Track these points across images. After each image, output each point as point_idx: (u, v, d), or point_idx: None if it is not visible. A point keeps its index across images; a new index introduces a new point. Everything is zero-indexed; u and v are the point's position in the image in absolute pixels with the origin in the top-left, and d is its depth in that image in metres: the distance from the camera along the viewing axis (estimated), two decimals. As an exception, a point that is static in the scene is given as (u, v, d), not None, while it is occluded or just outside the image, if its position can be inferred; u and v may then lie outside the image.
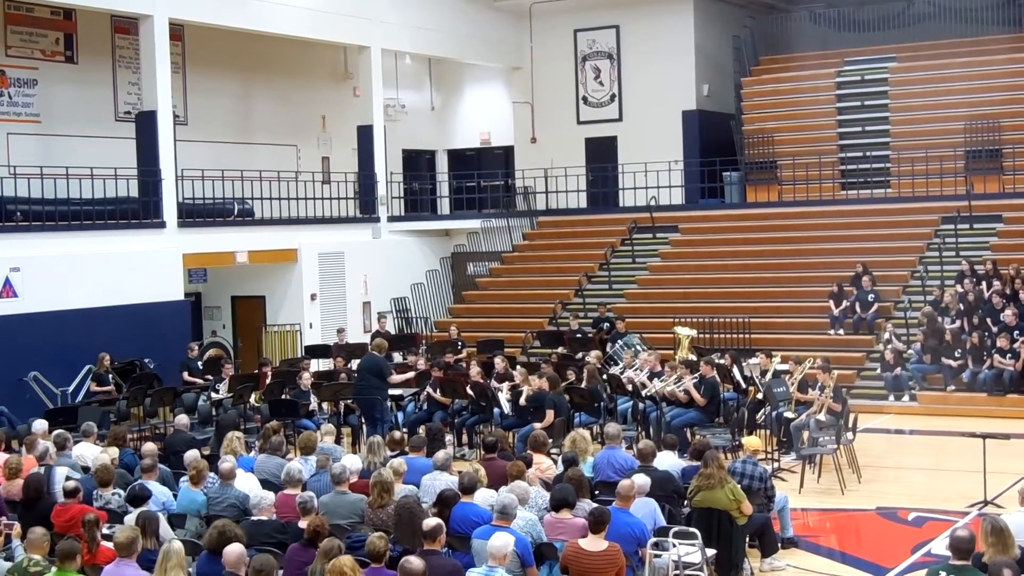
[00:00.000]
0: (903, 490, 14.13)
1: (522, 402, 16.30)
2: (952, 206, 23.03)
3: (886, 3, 27.65)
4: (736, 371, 16.57)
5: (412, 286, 25.52)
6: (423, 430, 13.27)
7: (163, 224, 20.72)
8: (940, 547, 11.04)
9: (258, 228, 23.07)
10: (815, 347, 19.80)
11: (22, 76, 21.18)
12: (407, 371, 18.02)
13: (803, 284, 22.80)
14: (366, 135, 25.57)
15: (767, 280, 23.32)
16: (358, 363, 17.47)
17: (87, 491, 10.75)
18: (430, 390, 17.25)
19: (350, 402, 17.27)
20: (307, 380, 17.60)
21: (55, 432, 13.11)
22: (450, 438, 15.92)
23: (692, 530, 9.69)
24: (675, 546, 9.47)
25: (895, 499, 13.65)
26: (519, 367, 17.82)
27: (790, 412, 15.63)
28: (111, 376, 18.24)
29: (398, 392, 17.30)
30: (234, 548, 8.30)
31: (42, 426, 13.91)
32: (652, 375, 16.87)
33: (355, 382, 16.93)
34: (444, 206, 30.06)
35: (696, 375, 16.02)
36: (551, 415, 15.57)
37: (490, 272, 26.73)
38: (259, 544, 9.13)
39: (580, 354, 19.60)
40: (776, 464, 14.85)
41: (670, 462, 11.60)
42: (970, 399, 18.76)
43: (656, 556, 9.49)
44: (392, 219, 26.26)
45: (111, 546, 8.77)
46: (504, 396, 16.60)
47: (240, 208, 22.85)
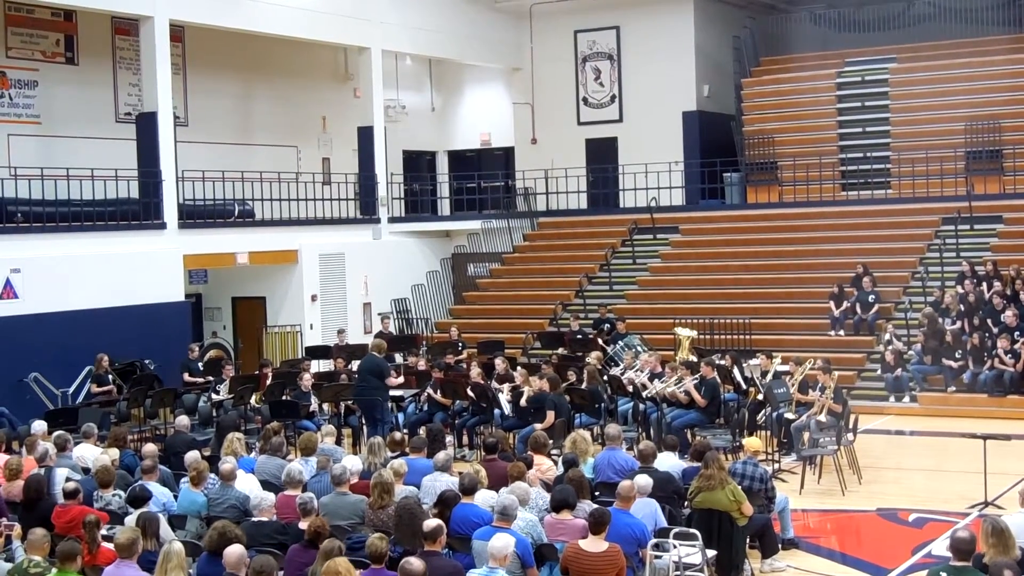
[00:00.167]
0: (903, 491, 14.13)
1: (523, 403, 16.30)
2: (952, 207, 23.02)
3: (886, 4, 27.64)
4: (736, 372, 16.57)
5: (412, 287, 25.52)
6: (424, 431, 13.28)
7: (164, 225, 20.73)
8: (941, 548, 11.03)
9: (258, 229, 23.07)
10: (815, 348, 19.83)
11: (23, 77, 21.18)
12: (402, 375, 18.07)
13: (803, 285, 22.80)
14: (366, 136, 25.57)
15: (767, 281, 23.32)
16: (358, 364, 17.48)
17: (87, 492, 10.74)
18: (431, 391, 17.25)
19: (351, 403, 17.28)
20: (308, 381, 17.59)
21: (55, 433, 13.10)
22: (450, 439, 15.93)
23: (692, 531, 9.69)
24: (675, 547, 9.47)
25: (895, 500, 13.64)
26: (520, 368, 17.83)
27: (790, 413, 15.62)
28: (111, 376, 18.24)
29: (399, 393, 17.31)
30: (234, 549, 8.30)
31: (41, 427, 13.92)
32: (652, 376, 16.85)
33: (355, 383, 16.94)
34: (444, 207, 30.06)
35: (696, 376, 16.02)
36: (551, 416, 15.56)
37: (490, 273, 26.72)
38: (259, 545, 9.13)
39: (580, 355, 19.59)
40: (776, 465, 14.85)
41: (670, 463, 11.59)
42: (970, 400, 18.75)
43: (656, 557, 9.49)
44: (392, 220, 26.26)
45: (111, 547, 8.77)
46: (505, 397, 16.60)
47: (240, 209, 22.85)
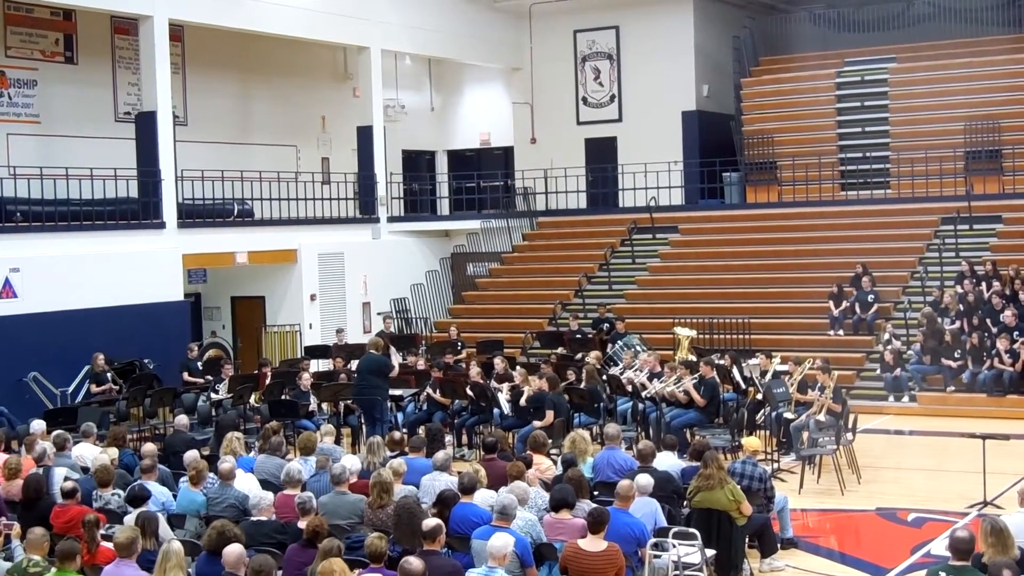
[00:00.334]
0: (903, 491, 14.13)
1: (522, 403, 16.31)
2: (952, 207, 23.03)
3: (886, 4, 27.64)
4: (736, 372, 16.57)
5: (412, 287, 25.51)
6: (423, 430, 13.28)
7: (163, 225, 20.72)
8: (940, 548, 11.04)
9: (258, 229, 23.06)
10: (815, 348, 19.80)
11: (22, 77, 21.17)
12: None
13: (803, 285, 22.80)
14: (366, 136, 25.56)
15: (767, 281, 23.31)
16: (357, 363, 17.47)
17: (86, 491, 10.73)
18: (430, 390, 17.25)
19: (350, 402, 17.27)
20: (307, 380, 17.60)
21: (54, 433, 13.10)
22: (450, 439, 15.92)
23: (692, 531, 9.68)
24: (675, 546, 9.47)
25: (895, 500, 13.65)
26: (519, 368, 17.85)
27: (790, 413, 15.61)
28: (109, 375, 18.23)
29: (398, 392, 17.30)
30: (233, 548, 8.30)
31: (40, 427, 13.92)
32: (652, 376, 16.86)
33: (355, 382, 16.94)
34: (444, 207, 30.05)
35: (696, 376, 16.02)
36: (551, 415, 15.56)
37: (490, 273, 26.72)
38: (258, 544, 9.13)
39: (580, 354, 19.60)
40: (776, 465, 14.84)
41: (670, 463, 11.59)
42: (970, 400, 18.75)
43: (656, 556, 9.49)
44: (392, 220, 26.25)
45: (111, 546, 8.77)
46: (504, 397, 16.61)
47: (240, 209, 22.84)
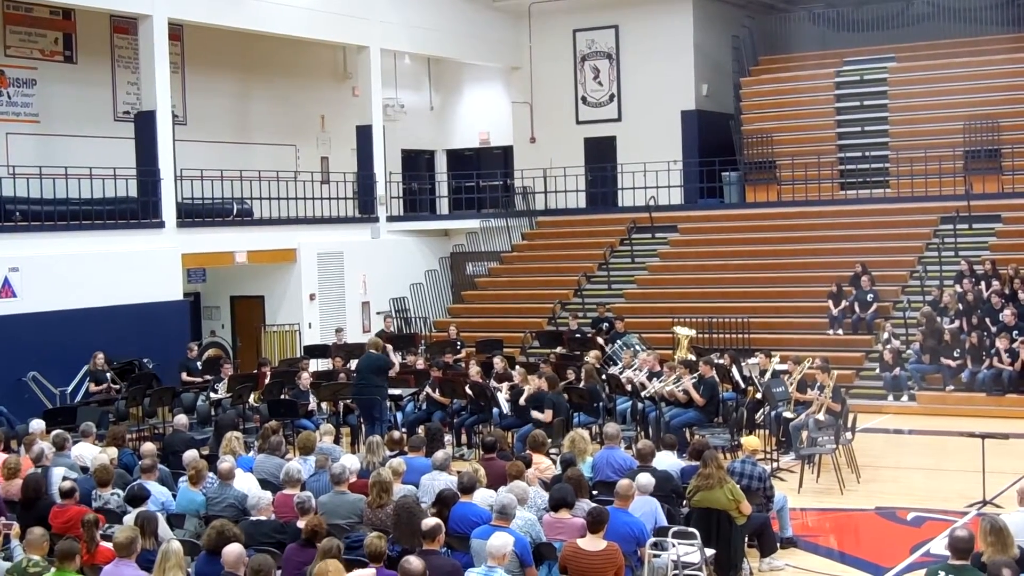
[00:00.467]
0: (902, 490, 14.13)
1: (521, 402, 16.30)
2: (951, 206, 23.04)
3: (885, 3, 27.63)
4: (735, 371, 16.58)
5: (411, 286, 25.51)
6: (422, 430, 13.28)
7: (162, 224, 20.71)
8: (939, 547, 11.04)
9: (257, 228, 23.05)
10: (814, 347, 19.80)
11: (21, 76, 21.15)
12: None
13: (802, 284, 22.79)
14: (365, 135, 25.55)
15: (766, 280, 23.31)
16: (357, 363, 17.47)
17: (85, 491, 10.72)
18: (429, 390, 17.25)
19: (349, 402, 17.27)
20: (306, 380, 17.59)
21: (54, 432, 13.09)
22: (449, 438, 15.93)
23: (691, 530, 9.69)
24: (674, 546, 9.47)
25: (894, 499, 13.64)
26: (518, 367, 17.85)
27: (789, 412, 15.62)
28: (108, 375, 18.22)
29: (397, 392, 17.29)
30: (233, 548, 8.30)
31: (39, 426, 13.93)
32: (651, 375, 16.86)
33: (354, 382, 16.93)
34: (443, 206, 30.03)
35: (695, 375, 16.02)
36: (550, 412, 15.56)
37: (489, 272, 26.71)
38: (258, 544, 9.12)
39: (579, 354, 19.59)
40: (775, 464, 14.84)
41: (669, 462, 11.60)
42: (969, 399, 18.76)
43: (655, 556, 9.49)
44: (391, 219, 26.25)
45: (110, 546, 8.77)
46: (503, 396, 16.61)
47: (239, 208, 22.84)
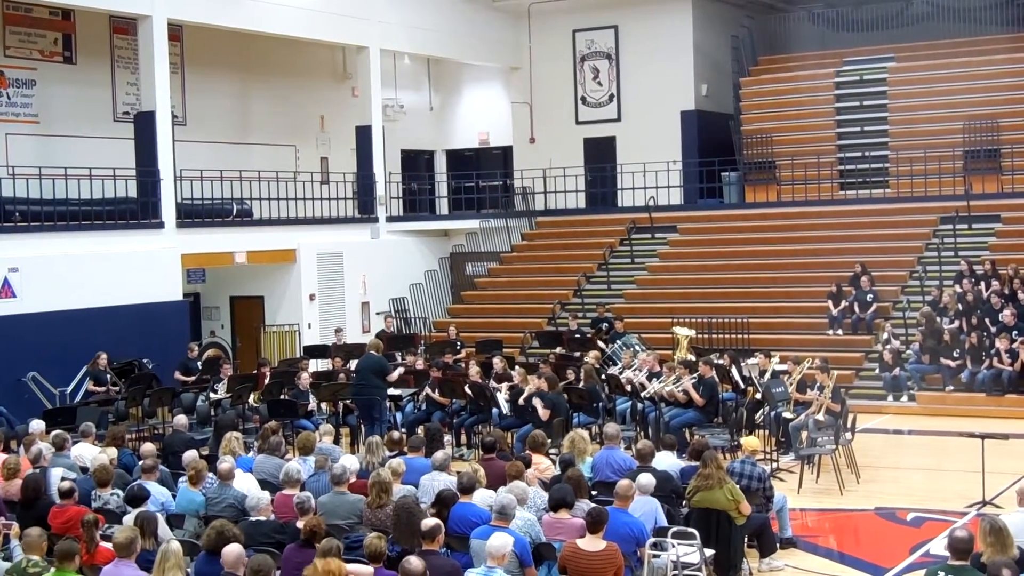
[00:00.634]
0: (902, 490, 14.13)
1: (521, 402, 16.30)
2: (951, 206, 23.04)
3: (885, 3, 27.63)
4: (735, 371, 16.58)
5: (411, 286, 25.50)
6: (422, 430, 13.29)
7: (162, 224, 20.71)
8: (939, 547, 11.03)
9: (257, 228, 23.05)
10: (814, 347, 19.80)
11: (21, 76, 21.15)
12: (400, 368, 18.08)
13: (802, 284, 22.79)
14: (365, 135, 25.55)
15: (766, 280, 23.32)
16: (356, 363, 17.47)
17: (85, 491, 10.72)
18: (429, 390, 17.25)
19: (349, 402, 17.28)
20: (305, 380, 17.59)
21: (53, 432, 13.09)
22: (449, 438, 15.93)
23: (691, 530, 9.69)
24: (674, 546, 9.47)
25: (894, 499, 13.64)
26: (518, 367, 17.85)
27: (789, 412, 15.62)
28: (109, 375, 18.22)
29: (397, 392, 17.30)
30: (232, 548, 8.30)
31: (39, 426, 13.92)
32: (651, 375, 16.86)
33: (354, 382, 16.93)
34: (443, 206, 30.02)
35: (695, 375, 16.02)
36: (548, 411, 15.55)
37: (489, 272, 26.71)
38: (257, 544, 9.12)
39: (579, 354, 19.59)
40: (775, 464, 14.84)
41: (669, 462, 11.59)
42: (969, 399, 18.75)
43: (655, 556, 9.49)
44: (391, 219, 26.24)
45: (110, 546, 8.77)
46: (503, 396, 16.60)
47: (239, 208, 22.83)
